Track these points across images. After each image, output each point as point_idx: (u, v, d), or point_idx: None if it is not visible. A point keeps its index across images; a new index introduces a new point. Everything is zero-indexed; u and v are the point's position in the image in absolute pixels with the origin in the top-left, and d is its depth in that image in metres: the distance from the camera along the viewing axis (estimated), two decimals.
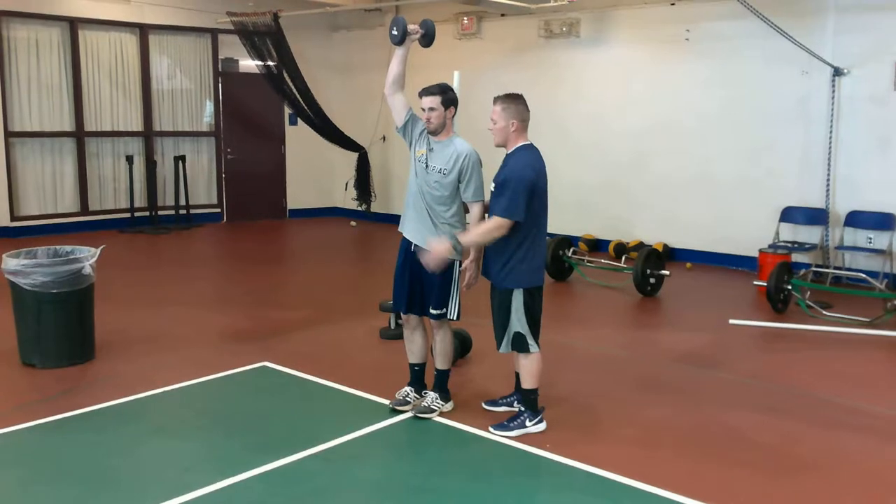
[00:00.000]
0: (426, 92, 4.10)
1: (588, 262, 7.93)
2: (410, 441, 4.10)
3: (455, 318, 4.25)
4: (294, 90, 10.74)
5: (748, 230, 8.34)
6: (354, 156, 11.79)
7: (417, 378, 4.41)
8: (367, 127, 11.75)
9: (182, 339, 5.74)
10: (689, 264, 8.68)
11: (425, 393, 4.37)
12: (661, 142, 8.98)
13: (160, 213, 10.92)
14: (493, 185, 4.02)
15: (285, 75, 10.69)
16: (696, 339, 5.98)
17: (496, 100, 4.07)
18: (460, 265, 4.20)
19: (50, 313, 4.88)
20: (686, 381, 5.05)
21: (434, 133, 4.14)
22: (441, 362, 4.34)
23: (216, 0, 10.75)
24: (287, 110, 11.58)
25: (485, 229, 3.94)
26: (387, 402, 4.42)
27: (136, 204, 10.75)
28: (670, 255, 8.86)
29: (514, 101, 4.06)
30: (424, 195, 4.14)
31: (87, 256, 5.00)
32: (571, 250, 7.93)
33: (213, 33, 11.22)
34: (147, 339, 5.68)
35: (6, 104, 9.60)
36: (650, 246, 8.36)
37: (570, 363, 5.34)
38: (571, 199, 9.66)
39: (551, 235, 9.26)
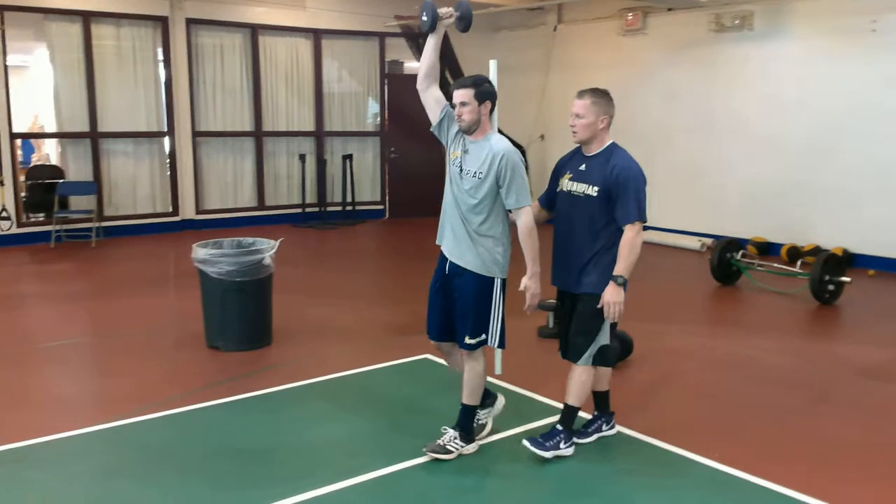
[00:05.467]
0: (458, 85, 3.60)
1: (759, 265, 7.54)
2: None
3: (498, 344, 3.73)
4: None
5: None
6: None
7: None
8: (525, 126, 11.76)
9: (349, 329, 5.99)
10: (871, 271, 8.07)
11: (444, 429, 3.82)
12: (842, 139, 8.39)
13: (328, 209, 11.46)
14: (590, 188, 3.63)
15: (448, 76, 10.89)
16: (881, 351, 5.54)
17: (582, 93, 3.70)
18: (505, 282, 3.68)
19: (233, 300, 5.23)
20: (868, 396, 4.70)
21: (468, 131, 3.62)
22: (469, 396, 3.77)
23: (385, 4, 11.13)
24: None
25: (630, 245, 3.54)
26: (543, 399, 4.40)
27: (307, 200, 11.34)
28: (850, 261, 8.26)
29: (604, 96, 3.72)
30: (460, 204, 3.63)
31: (268, 248, 5.33)
32: (740, 253, 7.58)
33: (381, 37, 11.63)
34: (317, 327, 5.98)
35: (194, 106, 10.40)
36: (828, 250, 7.84)
37: (739, 372, 5.11)
38: (741, 199, 9.27)
39: (717, 237, 8.96)
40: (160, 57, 10.17)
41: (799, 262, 7.60)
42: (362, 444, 3.93)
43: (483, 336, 3.67)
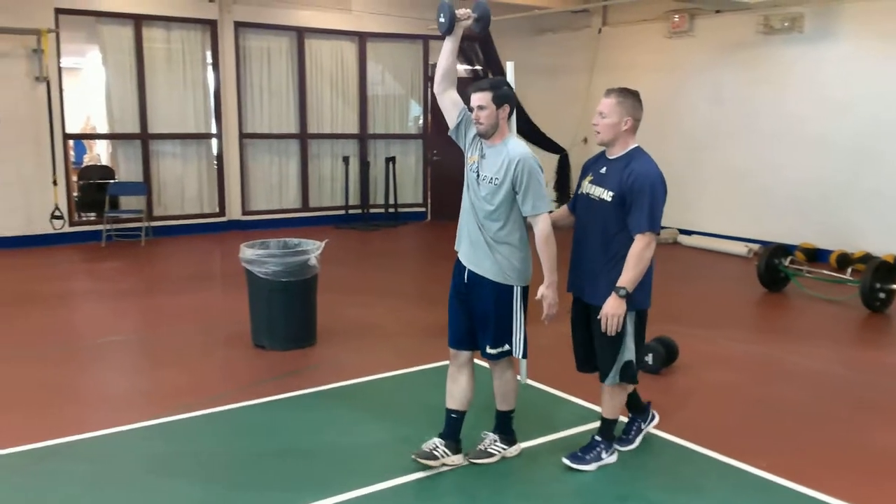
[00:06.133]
0: (475, 87, 3.49)
1: (807, 272, 7.40)
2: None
3: (521, 355, 3.63)
4: None
5: None
6: (555, 158, 11.79)
7: (452, 428, 3.70)
8: (568, 129, 11.70)
9: (392, 330, 6.03)
10: None
11: (484, 434, 3.79)
12: (894, 143, 8.20)
13: (371, 211, 11.54)
14: (606, 192, 3.50)
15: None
16: None
17: (610, 92, 3.53)
18: (525, 290, 3.60)
19: (279, 300, 5.30)
20: None
21: (485, 136, 3.52)
22: (503, 403, 3.76)
23: (429, 7, 11.14)
24: None
25: (638, 257, 3.38)
26: (587, 405, 4.37)
27: (350, 202, 11.44)
28: None
29: (631, 97, 3.51)
30: (477, 210, 3.54)
31: (313, 249, 5.39)
32: (788, 259, 7.45)
33: (425, 39, 11.68)
34: (361, 328, 6.03)
35: (241, 108, 10.56)
36: (879, 258, 7.66)
37: (786, 379, 5.04)
38: (789, 204, 9.13)
39: (764, 243, 8.82)
40: (209, 60, 10.34)
41: (849, 270, 7.45)
42: (406, 444, 3.91)
43: (506, 346, 3.59)
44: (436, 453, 3.63)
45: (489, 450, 3.72)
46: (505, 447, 3.75)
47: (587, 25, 11.57)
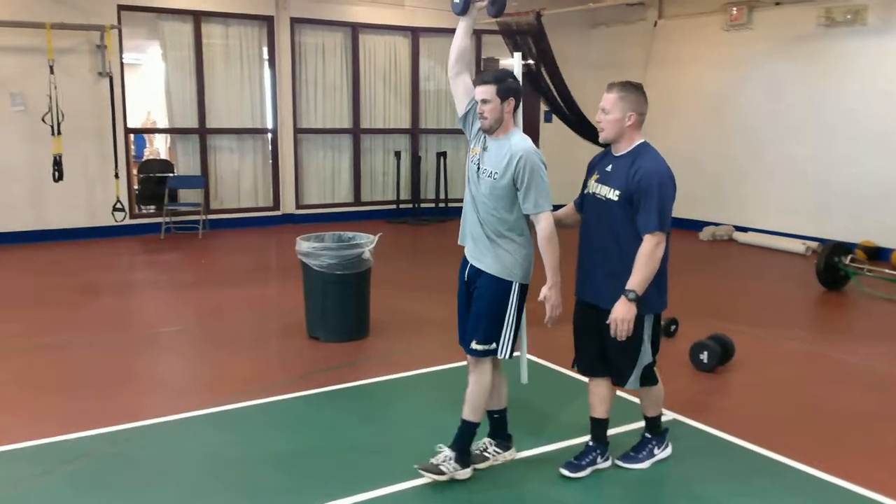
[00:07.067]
0: (479, 80, 3.34)
1: (868, 271, 7.22)
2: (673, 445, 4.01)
3: (507, 356, 3.48)
4: (552, 87, 10.86)
5: None
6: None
7: (498, 427, 3.69)
8: None
9: (442, 323, 6.03)
10: None
11: (440, 447, 3.56)
12: None
13: (421, 205, 11.60)
14: (612, 191, 3.33)
15: (543, 73, 10.82)
16: None
17: (612, 86, 3.36)
18: (524, 289, 3.45)
19: (334, 293, 5.38)
20: None
21: (489, 131, 3.38)
22: (470, 412, 3.48)
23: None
24: (543, 107, 11.74)
25: (647, 258, 3.22)
26: (629, 397, 4.34)
27: (401, 196, 11.51)
28: None
29: (634, 90, 3.34)
30: (477, 205, 3.43)
31: (367, 243, 5.46)
32: (849, 258, 7.27)
33: (478, 35, 11.67)
34: (413, 321, 6.08)
35: (296, 103, 10.70)
36: None
37: (846, 380, 4.94)
38: (849, 201, 8.90)
39: (822, 241, 8.62)
40: (265, 55, 10.51)
41: None
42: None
43: (493, 345, 3.43)
44: (486, 454, 3.64)
45: (441, 466, 3.44)
46: (457, 467, 3.46)
47: (642, 19, 11.44)
